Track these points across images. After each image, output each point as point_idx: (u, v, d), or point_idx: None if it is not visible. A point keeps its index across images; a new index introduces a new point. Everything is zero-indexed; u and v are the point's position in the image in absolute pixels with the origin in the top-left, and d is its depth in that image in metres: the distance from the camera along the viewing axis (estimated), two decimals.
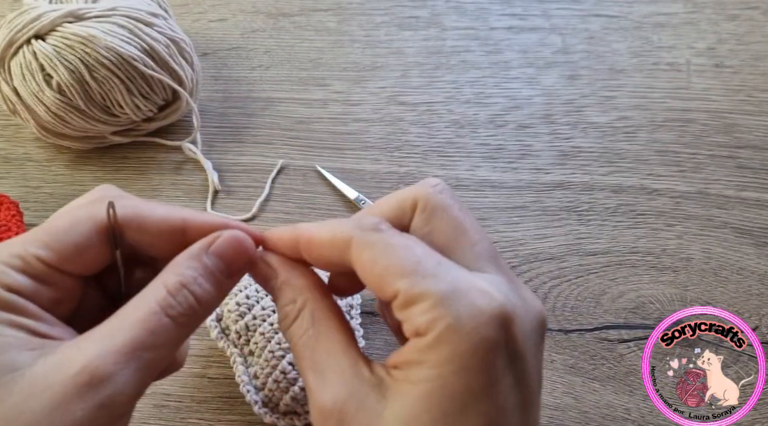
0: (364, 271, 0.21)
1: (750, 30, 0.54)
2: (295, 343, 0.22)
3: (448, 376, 0.18)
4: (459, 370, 0.18)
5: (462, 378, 0.18)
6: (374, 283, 0.20)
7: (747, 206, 0.44)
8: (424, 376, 0.19)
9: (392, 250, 0.20)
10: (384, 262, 0.20)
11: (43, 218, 0.43)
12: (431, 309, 0.19)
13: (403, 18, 0.55)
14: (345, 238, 0.21)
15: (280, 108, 0.49)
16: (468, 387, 0.18)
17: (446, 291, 0.19)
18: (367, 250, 0.21)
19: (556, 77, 0.51)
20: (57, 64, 0.40)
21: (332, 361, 0.21)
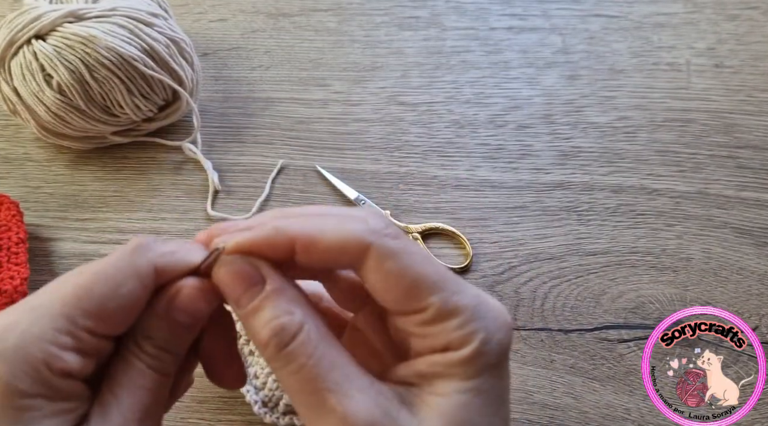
0: (387, 282, 0.19)
1: (750, 30, 0.54)
2: (302, 364, 0.19)
3: (482, 386, 0.19)
4: (492, 379, 0.19)
5: (494, 386, 0.19)
6: (397, 295, 0.19)
7: (747, 206, 0.44)
8: (457, 388, 0.19)
9: (418, 261, 0.19)
10: (413, 274, 0.19)
11: (44, 218, 0.43)
12: (466, 323, 0.19)
13: (403, 18, 0.55)
14: (361, 244, 0.19)
15: (280, 108, 0.49)
16: (499, 393, 0.20)
17: (476, 305, 0.19)
18: (391, 259, 0.19)
19: (556, 77, 0.51)
20: (57, 64, 0.40)
21: (353, 380, 0.19)
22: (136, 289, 0.19)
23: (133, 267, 0.19)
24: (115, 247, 0.42)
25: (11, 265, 0.38)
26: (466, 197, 0.45)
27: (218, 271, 0.20)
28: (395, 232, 0.20)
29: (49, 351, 0.18)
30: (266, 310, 0.19)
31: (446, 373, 0.19)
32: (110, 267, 0.19)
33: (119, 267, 0.19)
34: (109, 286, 0.19)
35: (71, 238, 0.42)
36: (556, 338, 0.38)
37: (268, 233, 0.20)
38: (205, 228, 0.44)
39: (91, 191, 0.45)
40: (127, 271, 0.19)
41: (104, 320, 0.19)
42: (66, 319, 0.18)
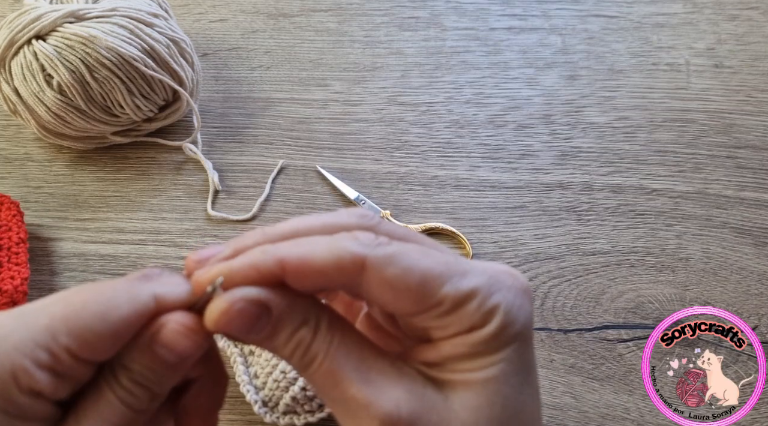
0: (392, 290, 0.18)
1: (749, 30, 0.54)
2: (320, 363, 0.19)
3: (510, 356, 0.19)
4: (519, 348, 0.19)
5: (522, 354, 0.19)
6: (407, 299, 0.18)
7: (746, 206, 0.44)
8: (485, 363, 0.19)
9: (417, 259, 0.19)
10: (417, 272, 0.18)
11: (44, 218, 0.43)
12: (484, 302, 0.19)
13: (403, 18, 0.55)
14: (355, 260, 0.18)
15: (280, 108, 0.49)
16: (527, 360, 0.20)
17: (488, 281, 0.19)
18: (391, 266, 0.18)
19: (555, 77, 0.51)
20: (58, 65, 0.40)
21: (372, 364, 0.19)
22: (129, 316, 0.18)
23: (131, 293, 0.18)
24: (115, 247, 0.42)
25: (11, 265, 0.38)
26: (466, 197, 0.45)
27: (214, 318, 0.18)
28: (387, 240, 0.19)
29: (21, 364, 0.17)
30: (281, 334, 0.19)
31: (473, 352, 0.19)
32: (108, 289, 0.18)
33: (117, 290, 0.18)
34: (101, 307, 0.18)
35: (71, 238, 0.42)
36: (555, 338, 0.38)
37: (255, 260, 0.18)
38: (206, 228, 0.44)
39: (91, 191, 0.45)
40: (123, 296, 0.18)
41: (88, 343, 0.17)
42: (48, 334, 0.17)
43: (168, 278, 0.19)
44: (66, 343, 0.17)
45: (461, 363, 0.19)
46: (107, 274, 0.41)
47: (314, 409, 0.33)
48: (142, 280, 0.19)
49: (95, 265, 0.41)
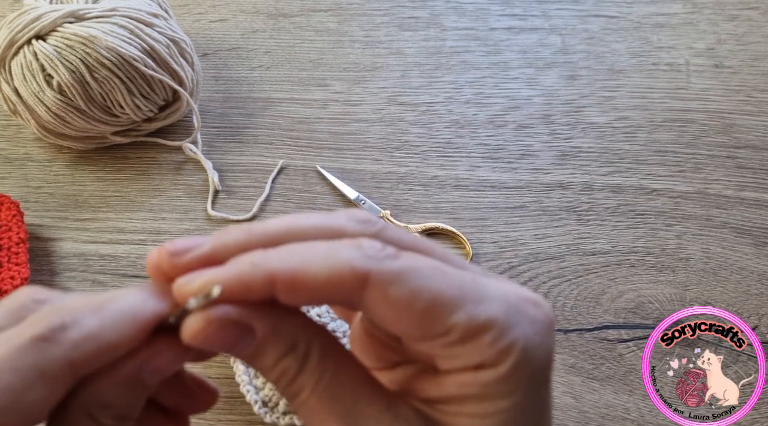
0: (396, 311, 0.16)
1: (749, 30, 0.54)
2: (305, 399, 0.17)
3: (523, 401, 0.17)
4: (534, 391, 0.17)
5: (537, 398, 0.17)
6: (412, 323, 0.16)
7: (746, 206, 0.44)
8: (494, 408, 0.16)
9: (428, 278, 0.16)
10: (426, 295, 0.16)
11: (44, 218, 0.43)
12: (500, 337, 0.16)
13: (403, 18, 0.55)
14: (356, 274, 0.16)
15: (280, 108, 0.49)
16: (541, 404, 0.17)
17: (506, 313, 0.16)
18: (396, 285, 0.16)
19: (555, 77, 0.51)
20: (57, 65, 0.40)
21: (364, 406, 0.17)
22: (43, 396, 0.15)
23: (39, 370, 0.15)
24: (115, 247, 0.42)
25: (11, 265, 0.38)
26: (466, 197, 0.45)
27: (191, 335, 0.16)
28: (392, 252, 0.16)
29: None
30: (265, 358, 0.17)
31: (481, 394, 0.16)
32: (7, 371, 0.15)
33: (19, 370, 0.15)
34: (7, 397, 0.14)
35: (71, 238, 0.42)
36: (555, 338, 0.38)
37: (243, 274, 0.16)
38: (206, 228, 0.44)
39: (91, 191, 0.45)
40: (30, 376, 0.15)
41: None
42: None
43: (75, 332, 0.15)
44: None
45: (466, 405, 0.17)
46: (107, 274, 0.41)
47: None
48: (44, 347, 0.15)
49: (95, 265, 0.41)
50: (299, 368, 0.16)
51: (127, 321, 0.16)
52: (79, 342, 0.15)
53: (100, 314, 0.16)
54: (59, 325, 0.15)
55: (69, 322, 0.15)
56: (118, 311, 0.16)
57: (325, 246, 0.16)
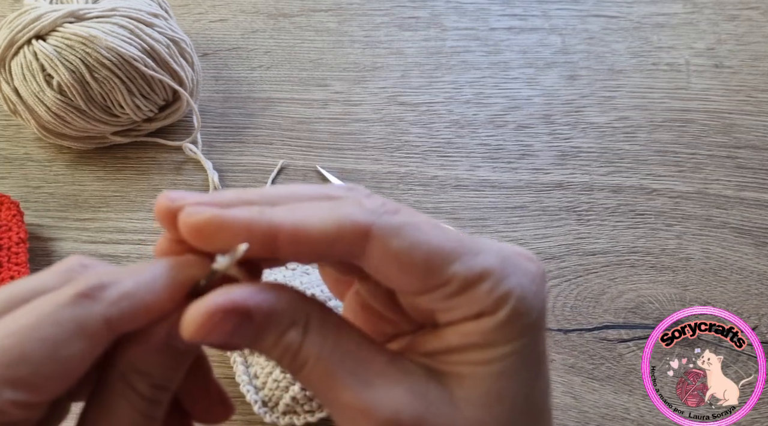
0: (398, 263, 0.16)
1: (749, 30, 0.54)
2: (311, 368, 0.17)
3: (522, 348, 0.17)
4: (532, 338, 0.17)
5: (535, 345, 0.18)
6: (413, 275, 0.17)
7: (746, 206, 0.44)
8: (495, 354, 0.17)
9: (427, 232, 0.17)
10: (426, 246, 0.16)
11: (44, 218, 0.43)
12: (497, 286, 0.17)
13: (403, 18, 0.55)
14: (359, 229, 0.16)
15: (280, 108, 0.49)
16: (540, 352, 0.18)
17: (501, 263, 0.17)
18: (397, 237, 0.16)
19: (555, 77, 0.51)
20: (58, 65, 0.40)
21: (368, 364, 0.17)
22: (81, 351, 0.15)
23: (78, 324, 0.15)
24: (115, 247, 0.42)
25: (11, 265, 0.38)
26: (466, 197, 0.45)
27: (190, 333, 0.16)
28: (394, 207, 0.17)
29: None
30: (266, 339, 0.17)
31: (482, 342, 0.17)
32: (47, 324, 0.15)
33: (59, 324, 0.15)
34: (49, 348, 0.15)
35: (71, 238, 0.42)
36: (555, 338, 0.38)
37: (250, 220, 0.16)
38: None
39: (91, 191, 0.45)
40: (69, 330, 0.15)
41: (38, 389, 0.15)
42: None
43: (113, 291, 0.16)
44: (11, 398, 0.15)
45: (468, 353, 0.17)
46: None
47: (314, 409, 0.33)
48: (84, 304, 0.16)
49: None
50: (302, 340, 0.17)
51: (160, 283, 0.17)
52: (115, 300, 0.16)
53: (135, 277, 0.16)
54: (98, 284, 0.16)
55: (107, 281, 0.16)
56: (153, 274, 0.17)
57: (326, 203, 0.17)
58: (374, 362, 0.17)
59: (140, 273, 0.17)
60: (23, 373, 0.15)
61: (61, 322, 0.15)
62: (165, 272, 0.17)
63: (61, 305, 0.15)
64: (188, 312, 0.16)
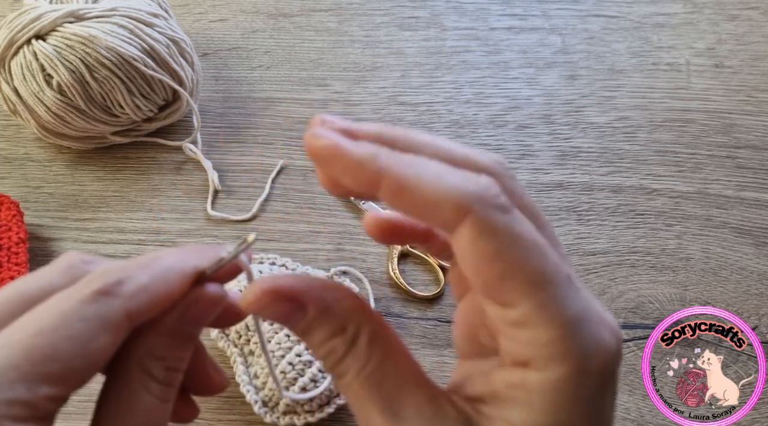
0: (476, 261, 0.15)
1: (749, 30, 0.54)
2: (349, 381, 0.17)
3: (565, 419, 0.15)
4: (578, 413, 0.15)
5: (579, 420, 0.16)
6: (485, 280, 0.16)
7: (746, 206, 0.44)
8: (532, 420, 0.15)
9: (522, 248, 0.15)
10: (510, 261, 0.15)
11: (44, 218, 0.43)
12: (558, 341, 0.15)
13: (403, 18, 0.55)
14: (457, 206, 0.15)
15: (280, 108, 0.49)
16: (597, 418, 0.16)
17: (576, 321, 0.15)
18: (490, 238, 0.15)
19: (555, 77, 0.51)
20: (57, 65, 0.40)
21: (406, 397, 0.16)
22: (106, 344, 0.16)
23: (102, 320, 0.16)
24: (115, 247, 0.42)
25: (11, 265, 0.38)
26: None
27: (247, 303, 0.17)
28: (505, 203, 0.15)
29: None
30: (314, 336, 0.17)
31: (522, 400, 0.16)
32: (74, 321, 0.16)
33: (85, 320, 0.16)
34: (77, 344, 0.16)
35: (71, 238, 0.42)
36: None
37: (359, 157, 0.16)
38: (206, 228, 0.44)
39: (91, 191, 0.45)
40: (95, 326, 0.16)
41: (69, 383, 0.16)
42: (24, 389, 0.15)
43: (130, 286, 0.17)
44: (45, 393, 0.15)
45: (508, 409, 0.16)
46: None
47: (314, 409, 0.33)
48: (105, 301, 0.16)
49: None
50: (346, 350, 0.17)
51: (172, 274, 0.18)
52: (134, 294, 0.17)
53: (148, 270, 0.17)
54: (116, 281, 0.17)
55: (124, 277, 0.17)
56: (164, 266, 0.18)
57: (445, 168, 0.16)
58: (413, 396, 0.16)
59: (151, 266, 0.17)
60: (56, 369, 0.15)
61: (87, 319, 0.16)
62: (176, 263, 0.18)
63: (85, 302, 0.16)
64: (249, 287, 0.17)
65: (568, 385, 0.15)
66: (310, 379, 0.33)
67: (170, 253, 0.18)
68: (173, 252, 0.18)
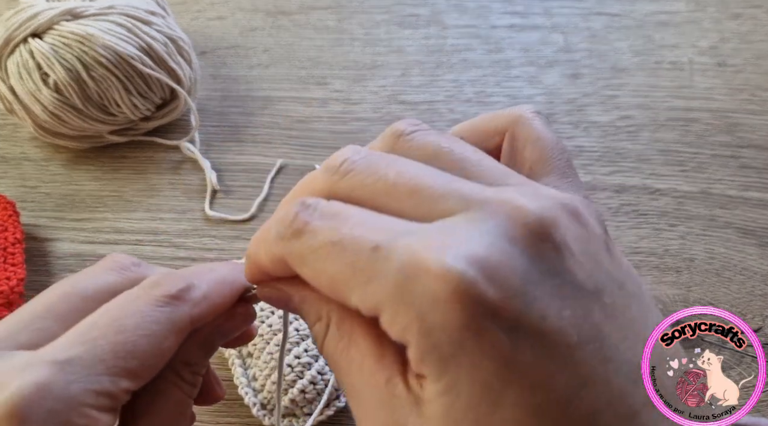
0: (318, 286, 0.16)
1: (753, 29, 0.54)
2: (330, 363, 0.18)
3: (450, 388, 0.14)
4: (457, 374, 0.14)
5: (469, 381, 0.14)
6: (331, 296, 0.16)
7: (750, 206, 0.43)
8: (436, 390, 0.14)
9: (324, 260, 0.15)
10: (325, 278, 0.15)
11: (40, 218, 0.43)
12: (394, 318, 0.14)
13: (403, 16, 0.55)
14: (278, 260, 0.16)
15: (279, 107, 0.49)
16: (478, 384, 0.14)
17: (393, 294, 0.14)
18: (303, 266, 0.16)
19: (557, 76, 0.51)
20: (54, 63, 0.39)
21: (366, 378, 0.16)
22: (172, 345, 0.19)
23: (173, 323, 0.18)
24: (112, 247, 0.42)
25: (8, 266, 0.38)
26: None
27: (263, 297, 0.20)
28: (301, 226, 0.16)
29: (92, 416, 0.17)
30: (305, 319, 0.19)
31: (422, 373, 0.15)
32: (149, 323, 0.18)
33: (159, 322, 0.18)
34: (152, 344, 0.18)
35: (68, 239, 0.42)
36: None
37: None
38: (204, 228, 0.44)
39: (88, 191, 0.44)
40: (166, 328, 0.18)
41: (141, 378, 0.18)
42: (109, 381, 0.17)
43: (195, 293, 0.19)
44: (125, 386, 0.17)
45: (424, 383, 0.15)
46: None
47: (313, 411, 0.33)
48: (177, 305, 0.19)
49: None
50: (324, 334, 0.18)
51: (227, 287, 0.20)
52: (198, 302, 0.19)
53: (207, 281, 0.19)
54: (185, 287, 0.19)
55: (191, 284, 0.19)
56: (220, 279, 0.20)
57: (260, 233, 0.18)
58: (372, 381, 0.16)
59: (209, 278, 0.20)
60: (134, 365, 0.17)
61: (160, 321, 0.18)
62: (228, 277, 0.20)
63: (158, 305, 0.18)
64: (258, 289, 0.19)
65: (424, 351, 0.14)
66: (309, 381, 0.32)
67: (222, 266, 0.20)
68: (224, 266, 0.20)
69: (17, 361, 0.17)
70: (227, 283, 0.20)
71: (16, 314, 0.19)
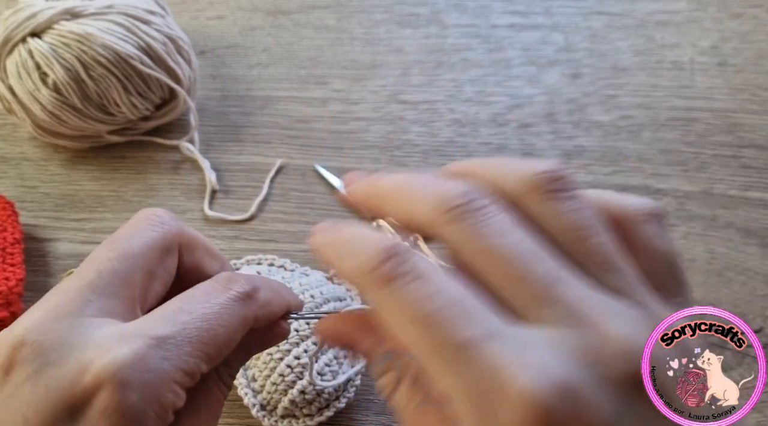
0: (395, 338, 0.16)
1: (754, 28, 0.54)
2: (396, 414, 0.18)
3: None
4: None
5: None
6: None
7: (752, 206, 0.43)
8: None
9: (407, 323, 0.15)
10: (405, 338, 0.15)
11: (39, 218, 0.42)
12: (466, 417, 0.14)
13: (403, 15, 0.55)
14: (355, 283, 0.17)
15: (278, 107, 0.49)
16: None
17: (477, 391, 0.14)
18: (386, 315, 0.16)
19: (558, 75, 0.51)
20: (53, 63, 0.39)
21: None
22: (238, 339, 0.20)
23: (244, 319, 0.20)
24: None
25: (6, 266, 0.38)
26: None
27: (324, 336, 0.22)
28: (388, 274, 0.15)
29: (177, 392, 0.18)
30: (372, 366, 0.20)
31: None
32: (227, 315, 0.20)
33: (234, 315, 0.20)
34: (228, 334, 0.20)
35: (67, 239, 0.42)
36: None
37: None
38: (203, 228, 0.44)
39: (87, 191, 0.44)
40: (240, 322, 0.20)
41: (213, 363, 0.19)
42: (194, 362, 0.18)
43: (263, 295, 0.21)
44: (204, 369, 0.19)
45: None
46: None
47: (313, 412, 0.33)
48: (249, 302, 0.20)
49: None
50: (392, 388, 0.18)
51: (280, 300, 0.22)
52: (263, 303, 0.21)
53: (266, 288, 0.21)
54: (255, 287, 0.21)
55: (258, 286, 0.21)
56: (276, 290, 0.22)
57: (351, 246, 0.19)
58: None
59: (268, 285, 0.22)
60: (212, 351, 0.19)
61: (235, 314, 0.20)
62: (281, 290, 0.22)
63: (234, 300, 0.20)
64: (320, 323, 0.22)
65: None
66: (308, 382, 0.32)
67: (273, 281, 0.23)
68: (275, 282, 0.23)
69: (110, 330, 0.18)
70: (280, 295, 0.22)
71: (81, 277, 0.19)
